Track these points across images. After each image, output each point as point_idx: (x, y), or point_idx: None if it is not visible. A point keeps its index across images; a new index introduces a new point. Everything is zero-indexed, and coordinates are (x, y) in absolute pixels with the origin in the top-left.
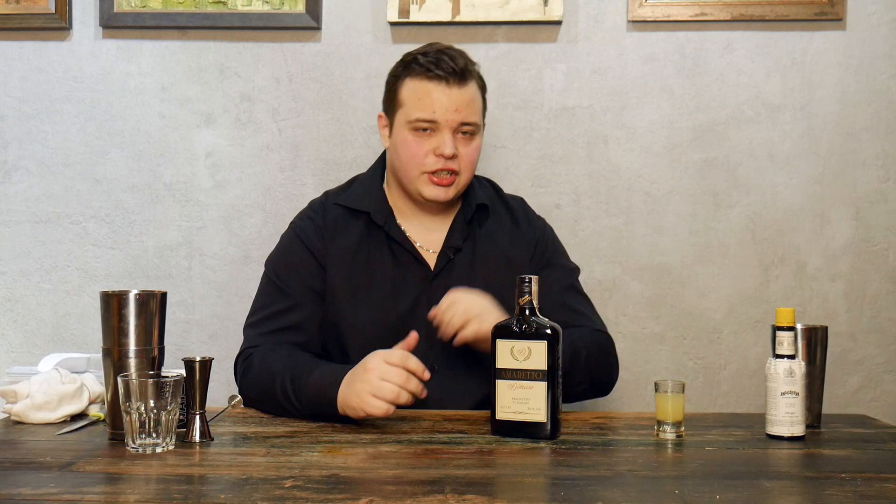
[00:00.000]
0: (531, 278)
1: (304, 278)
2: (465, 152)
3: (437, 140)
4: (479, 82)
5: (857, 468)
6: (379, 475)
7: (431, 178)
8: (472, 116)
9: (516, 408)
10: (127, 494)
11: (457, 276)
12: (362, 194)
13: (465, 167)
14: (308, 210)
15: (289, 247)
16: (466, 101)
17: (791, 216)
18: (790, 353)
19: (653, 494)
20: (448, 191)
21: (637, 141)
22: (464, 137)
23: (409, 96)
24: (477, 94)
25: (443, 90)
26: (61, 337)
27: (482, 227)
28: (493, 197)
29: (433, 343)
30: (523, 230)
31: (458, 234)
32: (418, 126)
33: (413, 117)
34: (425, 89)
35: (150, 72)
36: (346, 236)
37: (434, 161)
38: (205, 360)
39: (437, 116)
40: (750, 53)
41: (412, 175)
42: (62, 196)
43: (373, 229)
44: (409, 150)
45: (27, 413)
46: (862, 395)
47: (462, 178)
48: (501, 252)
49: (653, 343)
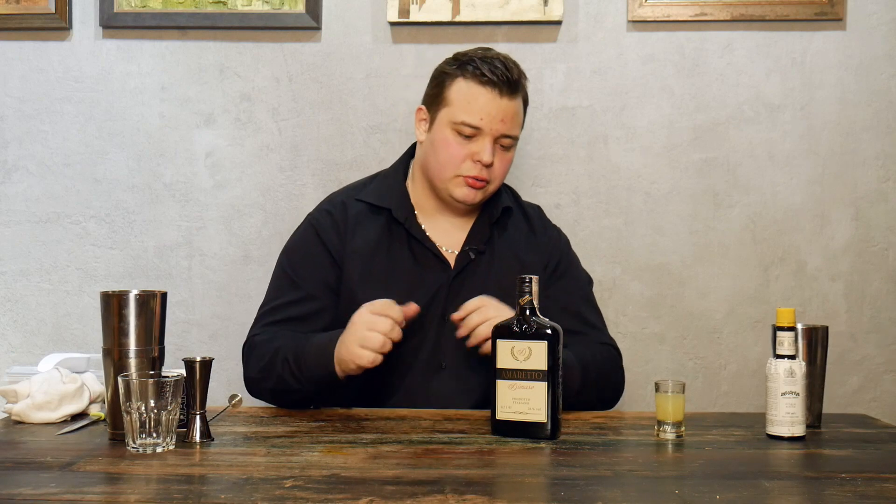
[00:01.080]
0: (531, 278)
1: (316, 271)
2: (499, 163)
3: (477, 146)
4: (525, 97)
5: (857, 468)
6: (379, 475)
7: (466, 179)
8: (514, 129)
9: (516, 408)
10: (127, 494)
11: (475, 278)
12: (385, 191)
13: (496, 177)
14: (327, 204)
15: (304, 238)
16: (512, 114)
17: (791, 216)
18: (790, 353)
19: (653, 494)
20: (477, 194)
21: (637, 141)
22: (501, 149)
23: (458, 97)
24: (521, 108)
25: (493, 98)
26: (61, 337)
27: (503, 232)
28: (514, 203)
29: (442, 341)
30: (539, 238)
31: (481, 236)
32: (462, 129)
33: (459, 119)
34: (476, 93)
35: (150, 72)
36: (367, 232)
37: (470, 166)
38: (205, 360)
39: (483, 124)
40: (750, 53)
41: (446, 176)
42: (62, 196)
43: (394, 226)
44: (448, 151)
45: (27, 413)
46: (862, 395)
47: (491, 187)
48: (517, 257)
49: (653, 343)
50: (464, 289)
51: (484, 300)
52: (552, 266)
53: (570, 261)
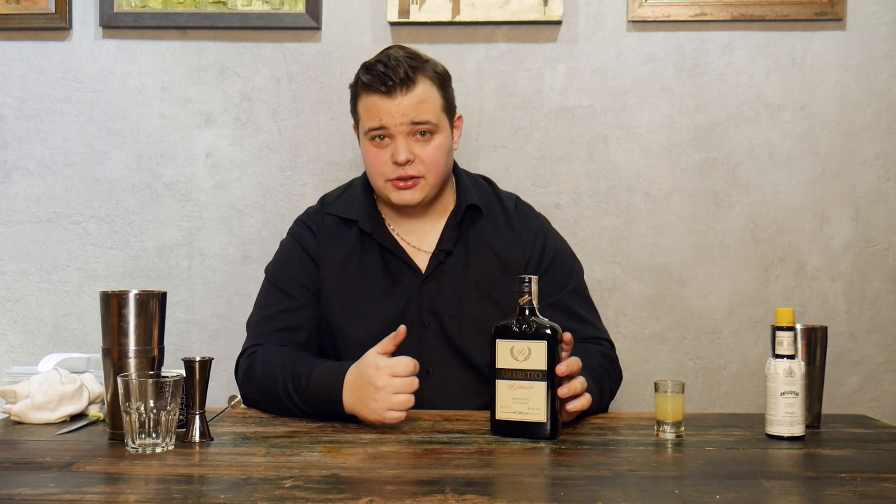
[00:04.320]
0: (531, 278)
1: (303, 281)
2: (423, 153)
3: (391, 147)
4: (435, 79)
5: (857, 468)
6: (379, 475)
7: (396, 183)
8: (422, 115)
9: (516, 408)
10: (127, 494)
11: (448, 278)
12: (352, 203)
13: (427, 168)
14: (304, 216)
15: (288, 251)
16: (413, 105)
17: (791, 216)
18: (790, 353)
19: (653, 494)
20: (414, 193)
21: (637, 141)
22: (421, 139)
23: (362, 109)
24: (429, 92)
25: (386, 101)
26: (61, 337)
27: (475, 227)
28: (488, 196)
29: (425, 346)
30: (518, 231)
31: (449, 237)
32: (374, 135)
33: (366, 128)
34: (372, 102)
35: (150, 72)
36: (339, 244)
37: (392, 169)
38: (205, 360)
39: (386, 123)
40: (750, 53)
41: (379, 184)
42: (62, 196)
43: (365, 236)
44: (370, 160)
45: (27, 413)
46: (862, 395)
47: (429, 179)
48: (495, 254)
49: (653, 343)
50: (438, 293)
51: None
52: (535, 260)
53: (554, 250)
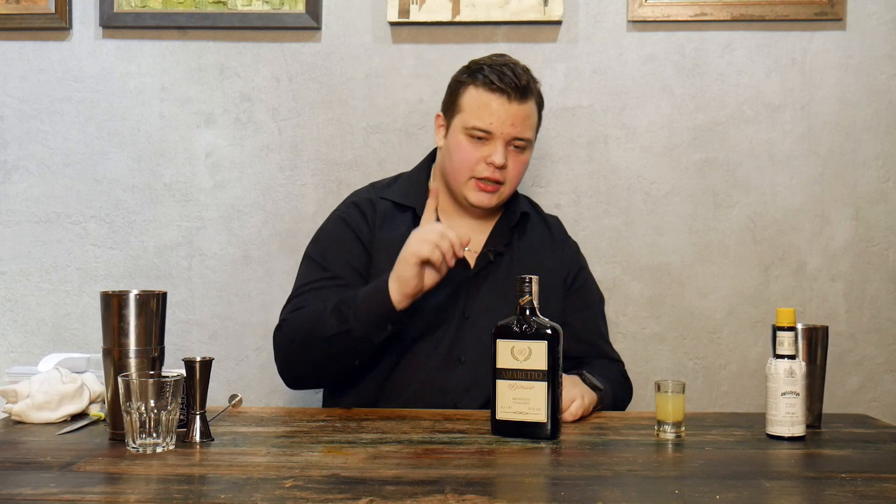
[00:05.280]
0: (531, 278)
1: (347, 257)
2: (513, 165)
3: (489, 149)
4: (538, 100)
5: (857, 468)
6: (379, 475)
7: (478, 183)
8: (526, 132)
9: (516, 408)
10: (127, 494)
11: (494, 278)
12: (409, 191)
13: (510, 178)
14: (353, 198)
15: (333, 229)
16: (523, 117)
17: (791, 216)
18: (790, 353)
19: (653, 494)
20: (492, 197)
21: (637, 141)
22: (515, 151)
23: (470, 104)
24: (534, 111)
25: (502, 103)
26: (61, 337)
27: (522, 235)
28: (532, 210)
29: (462, 335)
30: (560, 248)
31: (501, 239)
32: (474, 134)
33: (470, 124)
34: (486, 100)
35: (150, 72)
36: (393, 228)
37: (483, 168)
38: (205, 360)
39: (493, 128)
40: (750, 53)
41: (461, 179)
42: (62, 196)
43: (418, 225)
44: (461, 155)
45: (27, 413)
46: (862, 395)
47: (506, 189)
48: (537, 262)
49: (653, 343)
50: (483, 288)
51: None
52: (570, 279)
53: (587, 272)
